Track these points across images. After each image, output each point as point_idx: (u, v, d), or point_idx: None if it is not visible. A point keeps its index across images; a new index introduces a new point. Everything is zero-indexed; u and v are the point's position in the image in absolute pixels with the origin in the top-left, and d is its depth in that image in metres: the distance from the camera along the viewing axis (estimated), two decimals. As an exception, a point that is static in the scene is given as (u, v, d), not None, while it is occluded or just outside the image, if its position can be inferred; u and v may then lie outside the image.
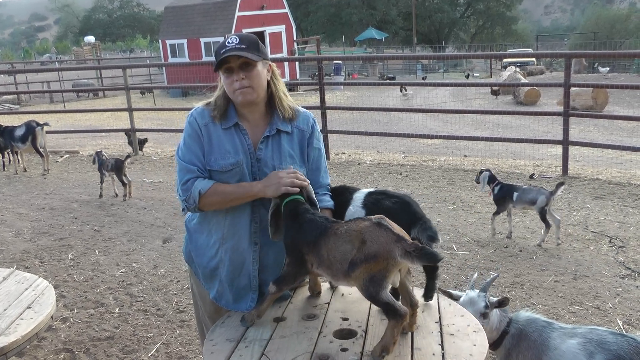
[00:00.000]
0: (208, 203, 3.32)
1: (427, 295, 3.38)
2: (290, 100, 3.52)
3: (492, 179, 8.16)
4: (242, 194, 3.30)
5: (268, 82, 3.42)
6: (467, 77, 43.77)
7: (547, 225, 7.69)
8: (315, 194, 3.35)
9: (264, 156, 3.40)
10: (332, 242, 2.92)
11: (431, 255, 2.68)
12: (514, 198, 7.84)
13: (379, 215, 2.91)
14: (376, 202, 3.53)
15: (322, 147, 3.63)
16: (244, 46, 3.26)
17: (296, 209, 3.16)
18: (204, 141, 3.38)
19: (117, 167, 10.64)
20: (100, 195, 10.87)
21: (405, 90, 29.54)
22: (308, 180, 3.25)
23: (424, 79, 41.69)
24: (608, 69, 40.72)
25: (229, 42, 3.28)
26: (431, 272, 3.37)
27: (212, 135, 3.38)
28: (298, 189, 3.17)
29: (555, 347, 3.59)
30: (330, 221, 3.06)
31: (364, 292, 2.81)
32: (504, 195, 7.99)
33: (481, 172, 8.29)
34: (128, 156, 11.07)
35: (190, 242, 3.61)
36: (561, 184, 7.76)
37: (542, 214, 7.67)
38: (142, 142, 15.82)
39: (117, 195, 10.88)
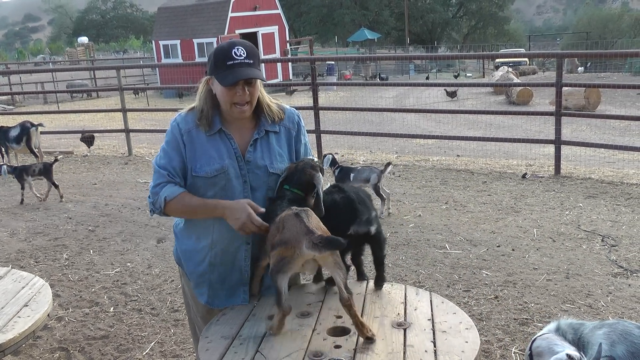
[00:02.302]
0: (172, 210, 3.35)
1: (377, 284, 3.58)
2: (274, 102, 3.54)
3: (333, 163, 9.52)
4: (206, 212, 3.32)
5: None
6: (456, 77, 43.87)
7: (382, 199, 9.10)
8: None
9: (254, 158, 3.40)
10: (272, 225, 3.14)
11: (334, 242, 2.89)
12: (351, 178, 9.16)
13: (304, 208, 3.08)
14: (328, 192, 3.60)
15: (307, 140, 3.68)
16: (251, 61, 3.23)
17: (282, 196, 3.32)
18: (186, 148, 3.36)
19: (46, 170, 10.89)
20: (22, 202, 10.92)
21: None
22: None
23: (427, 78, 41.91)
24: (583, 68, 41.02)
25: (236, 54, 3.21)
26: (378, 264, 3.49)
27: (196, 141, 3.36)
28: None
29: (588, 341, 3.60)
30: (283, 208, 3.17)
31: (270, 272, 3.02)
32: (343, 176, 9.26)
33: (324, 155, 9.90)
34: (56, 160, 11.30)
35: (178, 246, 3.62)
36: (389, 164, 9.33)
37: (376, 190, 9.01)
38: (90, 140, 15.88)
39: (42, 199, 11.02)
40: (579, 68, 41.01)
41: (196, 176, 3.35)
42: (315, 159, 3.45)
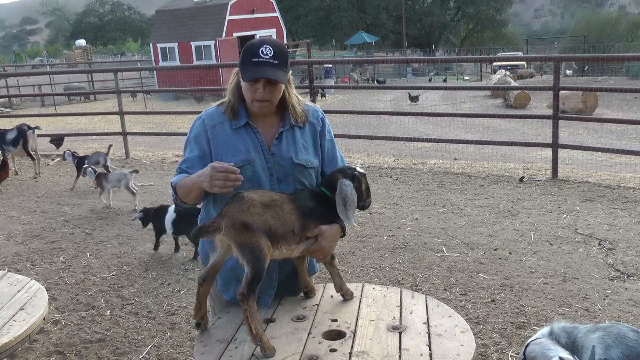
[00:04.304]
0: (181, 194, 3.36)
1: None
2: (300, 102, 3.58)
3: (94, 171, 10.73)
4: (190, 187, 3.28)
5: None
6: (445, 80, 44.06)
7: (133, 194, 10.53)
8: None
9: (279, 150, 3.43)
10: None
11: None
12: (109, 180, 10.50)
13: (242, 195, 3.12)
14: None
15: (333, 137, 3.70)
16: (277, 62, 3.27)
17: (310, 189, 3.46)
18: (211, 143, 3.41)
19: None
20: None
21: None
22: (241, 178, 3.16)
23: (430, 80, 42.02)
24: (571, 72, 41.11)
25: (263, 53, 3.26)
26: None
27: (221, 135, 3.41)
28: (231, 189, 3.15)
29: (582, 345, 3.59)
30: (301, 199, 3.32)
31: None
32: (101, 180, 10.51)
33: (85, 169, 10.93)
34: None
35: (205, 243, 3.57)
36: (135, 171, 10.98)
37: (128, 189, 10.47)
38: (59, 141, 15.94)
39: None
40: (568, 71, 41.04)
41: None
42: (359, 168, 3.44)
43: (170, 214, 7.94)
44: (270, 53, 3.26)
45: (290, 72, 3.46)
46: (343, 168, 3.44)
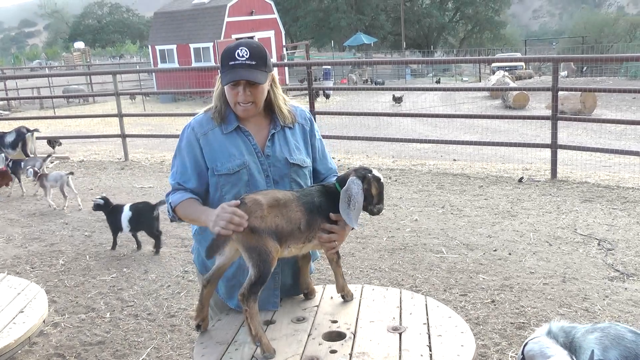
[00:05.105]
0: (182, 216, 3.36)
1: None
2: (287, 103, 3.56)
3: (35, 173, 10.89)
4: (195, 219, 3.30)
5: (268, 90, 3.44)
6: (438, 82, 44.12)
7: (74, 194, 10.80)
8: (328, 177, 3.65)
9: (273, 152, 3.43)
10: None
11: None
12: (48, 180, 10.67)
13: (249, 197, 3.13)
14: None
15: (320, 137, 3.71)
16: (253, 62, 3.25)
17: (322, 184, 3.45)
18: (203, 151, 3.38)
19: None
20: None
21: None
22: (245, 224, 3.00)
23: (437, 82, 42.15)
24: (566, 72, 41.07)
25: (239, 55, 3.25)
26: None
27: (213, 142, 3.38)
28: (230, 231, 2.98)
29: (580, 345, 3.58)
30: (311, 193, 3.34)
31: None
32: (42, 180, 10.74)
33: (26, 170, 11.07)
34: None
35: (202, 250, 3.52)
36: (71, 173, 10.98)
37: (62, 189, 10.59)
38: (54, 142, 16.10)
39: None
40: (562, 72, 40.99)
41: (219, 174, 3.36)
42: (375, 172, 3.38)
43: (126, 213, 8.29)
44: (247, 55, 3.25)
45: (273, 71, 3.45)
46: (359, 168, 3.40)
